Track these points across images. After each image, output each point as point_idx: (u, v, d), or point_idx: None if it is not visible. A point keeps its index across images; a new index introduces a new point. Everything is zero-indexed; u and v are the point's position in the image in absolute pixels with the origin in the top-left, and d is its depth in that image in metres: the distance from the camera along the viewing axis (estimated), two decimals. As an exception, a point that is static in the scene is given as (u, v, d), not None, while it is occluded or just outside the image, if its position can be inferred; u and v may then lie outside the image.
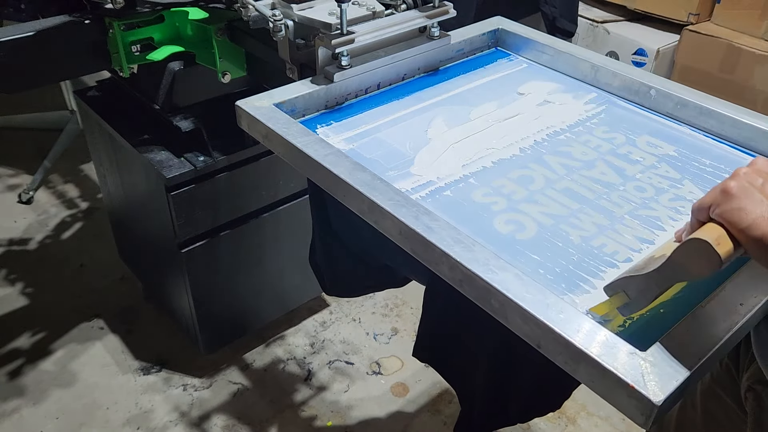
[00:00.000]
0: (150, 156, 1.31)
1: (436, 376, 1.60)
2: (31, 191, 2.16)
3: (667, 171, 0.84)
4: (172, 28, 1.17)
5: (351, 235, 0.99)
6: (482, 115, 0.95)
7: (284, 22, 0.93)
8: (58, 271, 1.89)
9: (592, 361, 0.54)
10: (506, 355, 0.82)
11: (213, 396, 1.56)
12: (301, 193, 1.49)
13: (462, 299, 0.65)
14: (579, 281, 0.67)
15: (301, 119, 0.90)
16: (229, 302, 1.52)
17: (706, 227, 0.55)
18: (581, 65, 1.03)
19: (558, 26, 2.06)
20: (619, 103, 0.99)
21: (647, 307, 0.61)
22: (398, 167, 0.83)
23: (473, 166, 0.84)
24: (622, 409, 0.54)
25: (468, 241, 0.65)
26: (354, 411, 1.53)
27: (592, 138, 0.90)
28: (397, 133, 0.90)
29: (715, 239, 0.52)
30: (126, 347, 1.67)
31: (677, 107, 0.94)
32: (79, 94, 1.52)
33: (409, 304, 1.83)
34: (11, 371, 1.59)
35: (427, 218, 0.68)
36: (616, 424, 1.51)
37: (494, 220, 0.75)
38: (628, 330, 0.61)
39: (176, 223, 1.32)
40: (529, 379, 0.84)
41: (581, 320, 0.57)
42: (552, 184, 0.81)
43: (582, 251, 0.71)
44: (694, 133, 0.92)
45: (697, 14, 2.21)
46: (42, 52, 1.06)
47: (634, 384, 0.52)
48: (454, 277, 0.65)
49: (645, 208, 0.77)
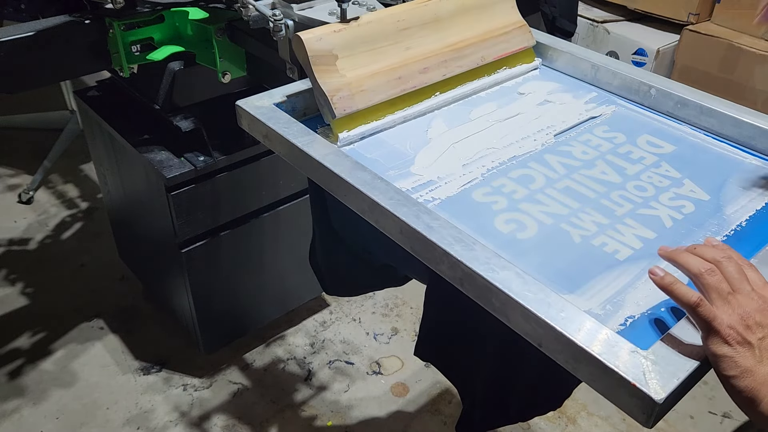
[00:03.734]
0: (150, 156, 1.31)
1: (437, 376, 1.60)
2: (31, 191, 2.16)
3: (668, 170, 0.84)
4: (172, 28, 1.17)
5: (351, 234, 0.99)
6: (482, 115, 0.95)
7: (284, 21, 0.93)
8: (58, 271, 1.89)
9: (593, 360, 0.54)
10: (507, 354, 0.82)
11: (213, 396, 1.56)
12: (301, 193, 1.49)
13: (463, 298, 0.65)
14: (580, 280, 0.67)
15: (301, 119, 0.90)
16: (229, 302, 1.52)
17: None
18: (581, 65, 1.03)
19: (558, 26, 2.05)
20: (619, 103, 0.99)
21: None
22: (398, 167, 0.83)
23: (474, 165, 0.84)
24: (623, 408, 0.54)
25: (469, 240, 0.65)
26: (354, 411, 1.53)
27: (593, 137, 0.90)
28: (398, 133, 0.90)
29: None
30: (126, 347, 1.67)
31: (678, 106, 0.94)
32: (79, 94, 1.52)
33: (409, 303, 1.83)
34: (11, 371, 1.59)
35: (427, 217, 0.68)
36: (617, 424, 1.51)
37: (495, 220, 0.75)
38: (629, 329, 0.61)
39: (176, 223, 1.32)
40: (529, 377, 0.84)
41: (582, 319, 0.57)
42: (552, 184, 0.81)
43: (582, 250, 0.71)
44: (695, 132, 0.92)
45: (697, 14, 2.21)
46: (42, 52, 1.06)
47: (636, 382, 0.52)
48: (454, 276, 0.65)
49: (645, 207, 0.77)
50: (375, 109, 0.89)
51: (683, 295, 0.56)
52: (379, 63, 0.89)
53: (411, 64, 0.92)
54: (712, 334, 0.54)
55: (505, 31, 1.02)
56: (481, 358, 0.86)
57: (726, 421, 1.53)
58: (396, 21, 0.91)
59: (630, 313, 0.63)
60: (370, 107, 0.88)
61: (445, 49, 0.95)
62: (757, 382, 0.52)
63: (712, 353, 0.54)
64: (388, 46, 0.90)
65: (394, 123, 0.91)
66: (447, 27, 0.96)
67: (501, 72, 1.02)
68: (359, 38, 0.88)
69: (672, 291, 0.57)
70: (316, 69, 0.84)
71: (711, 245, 0.62)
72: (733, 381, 0.53)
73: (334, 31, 0.86)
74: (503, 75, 1.02)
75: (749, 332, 0.53)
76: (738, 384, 0.53)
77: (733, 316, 0.54)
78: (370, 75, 0.88)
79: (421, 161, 0.85)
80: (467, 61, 0.97)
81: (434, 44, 0.94)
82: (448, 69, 0.95)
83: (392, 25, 0.91)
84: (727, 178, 0.83)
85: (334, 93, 0.84)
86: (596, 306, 0.64)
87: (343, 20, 0.88)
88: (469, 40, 0.98)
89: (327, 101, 0.84)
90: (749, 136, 0.88)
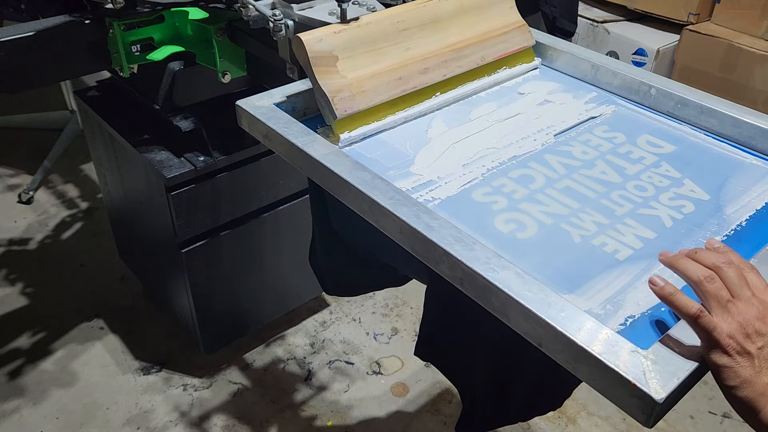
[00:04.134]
0: (150, 156, 1.31)
1: (437, 376, 1.60)
2: (31, 191, 2.16)
3: (668, 170, 0.84)
4: (172, 28, 1.17)
5: (351, 234, 0.99)
6: (482, 115, 0.95)
7: (284, 21, 0.93)
8: (58, 271, 1.89)
9: (593, 359, 0.54)
10: (507, 354, 0.82)
11: (213, 396, 1.56)
12: (301, 193, 1.49)
13: (464, 298, 0.65)
14: (580, 280, 0.67)
15: (301, 119, 0.90)
16: (229, 302, 1.52)
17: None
18: (581, 65, 1.03)
19: (558, 26, 2.05)
20: (619, 103, 0.99)
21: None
22: (398, 167, 0.83)
23: (474, 165, 0.84)
24: (623, 407, 0.54)
25: (469, 240, 0.65)
26: (354, 411, 1.53)
27: (593, 137, 0.90)
28: (398, 134, 0.90)
29: None
30: (126, 347, 1.67)
31: (678, 106, 0.94)
32: (79, 94, 1.52)
33: (409, 303, 1.83)
34: (11, 371, 1.59)
35: (427, 217, 0.68)
36: (617, 424, 1.51)
37: (495, 220, 0.75)
38: (629, 328, 0.61)
39: (176, 223, 1.32)
40: (530, 377, 0.84)
41: (583, 318, 0.57)
42: (552, 184, 0.81)
43: (582, 250, 0.71)
44: (695, 132, 0.92)
45: (697, 14, 2.21)
46: (42, 52, 1.06)
47: (636, 382, 0.52)
48: (454, 276, 0.65)
49: (645, 207, 0.77)
50: (376, 109, 0.89)
51: (683, 306, 0.56)
52: (379, 64, 0.89)
53: (411, 64, 0.92)
54: (712, 344, 0.54)
55: (504, 31, 1.02)
56: (481, 358, 0.86)
57: (726, 421, 1.53)
58: (396, 22, 0.91)
59: (630, 312, 0.63)
60: (370, 108, 0.88)
61: (445, 50, 0.95)
62: (756, 393, 0.52)
63: (713, 363, 0.54)
64: (388, 47, 0.90)
65: (395, 123, 0.91)
66: (447, 27, 0.96)
67: (501, 72, 1.03)
68: (359, 39, 0.88)
69: (672, 302, 0.57)
70: (316, 70, 0.84)
71: (712, 248, 0.62)
72: (733, 391, 0.53)
73: (335, 32, 0.86)
74: (503, 75, 1.02)
75: (748, 341, 0.53)
76: (737, 394, 0.53)
77: (732, 325, 0.54)
78: (370, 76, 0.88)
79: (421, 161, 0.85)
80: (467, 62, 0.97)
81: (434, 45, 0.95)
82: (448, 69, 0.95)
83: (392, 26, 0.91)
84: (727, 178, 0.83)
85: (335, 94, 0.84)
86: (596, 306, 0.63)
87: (343, 21, 0.88)
88: (468, 40, 0.98)
89: (328, 102, 0.84)
90: (749, 136, 0.88)
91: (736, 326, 0.54)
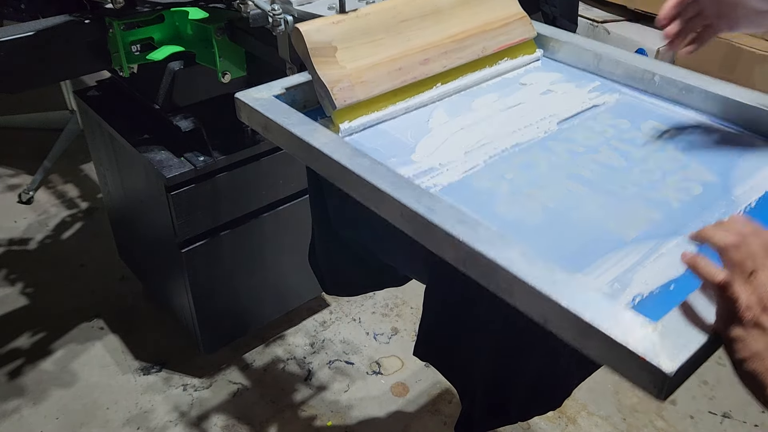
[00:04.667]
0: (150, 156, 1.31)
1: (437, 376, 1.60)
2: (31, 191, 2.16)
3: (675, 154, 0.83)
4: (172, 27, 1.17)
5: (351, 234, 0.99)
6: (484, 105, 0.94)
7: (283, 17, 0.93)
8: (58, 271, 1.89)
9: (601, 335, 0.53)
10: (507, 353, 0.82)
11: (213, 396, 1.55)
12: (301, 193, 1.49)
13: (463, 297, 0.64)
14: (586, 261, 0.65)
15: (301, 112, 0.90)
16: (229, 302, 1.52)
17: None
18: (584, 55, 1.03)
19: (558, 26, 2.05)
20: (623, 91, 0.98)
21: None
22: (399, 155, 0.83)
23: (476, 152, 0.83)
24: (634, 382, 0.53)
25: (471, 221, 0.64)
26: (354, 411, 1.53)
27: (597, 124, 0.89)
28: (399, 124, 0.90)
29: None
30: (126, 347, 1.67)
31: (682, 92, 0.93)
32: (79, 94, 1.52)
33: (409, 303, 1.83)
34: (11, 371, 1.59)
35: (428, 200, 0.67)
36: (617, 424, 1.51)
37: (498, 205, 0.74)
38: (637, 307, 0.60)
39: (176, 223, 1.32)
40: (529, 377, 0.84)
41: (589, 294, 0.56)
42: (556, 169, 0.80)
43: (588, 233, 0.70)
44: (700, 117, 0.90)
45: (697, 14, 2.20)
46: (42, 52, 1.06)
47: (645, 356, 0.51)
48: (458, 257, 0.63)
49: (652, 190, 0.76)
50: (376, 100, 0.88)
51: (710, 273, 0.55)
52: (379, 54, 0.89)
53: (411, 55, 0.91)
54: (731, 314, 0.53)
55: (506, 23, 1.02)
56: (481, 358, 0.86)
57: (726, 421, 1.52)
58: (395, 12, 0.91)
59: (638, 291, 0.62)
60: (371, 98, 0.88)
61: (446, 41, 0.95)
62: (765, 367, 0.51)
63: (726, 334, 0.53)
64: (387, 38, 0.90)
65: (396, 114, 0.91)
66: (447, 18, 0.96)
67: (502, 63, 1.02)
68: (358, 30, 0.88)
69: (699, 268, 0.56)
70: (315, 61, 0.84)
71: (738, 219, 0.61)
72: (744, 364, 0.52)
73: (333, 22, 0.86)
74: (505, 66, 1.02)
75: (765, 315, 0.52)
76: (747, 367, 0.52)
77: (752, 297, 0.53)
78: (370, 66, 0.88)
79: (422, 150, 0.84)
80: (468, 53, 0.97)
81: (435, 35, 0.94)
82: (449, 60, 0.95)
83: (392, 17, 0.90)
84: (734, 160, 0.81)
85: (334, 84, 0.84)
86: (603, 285, 0.62)
87: (341, 11, 0.88)
88: (469, 31, 0.98)
89: (327, 92, 0.83)
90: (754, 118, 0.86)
91: (756, 299, 0.53)
